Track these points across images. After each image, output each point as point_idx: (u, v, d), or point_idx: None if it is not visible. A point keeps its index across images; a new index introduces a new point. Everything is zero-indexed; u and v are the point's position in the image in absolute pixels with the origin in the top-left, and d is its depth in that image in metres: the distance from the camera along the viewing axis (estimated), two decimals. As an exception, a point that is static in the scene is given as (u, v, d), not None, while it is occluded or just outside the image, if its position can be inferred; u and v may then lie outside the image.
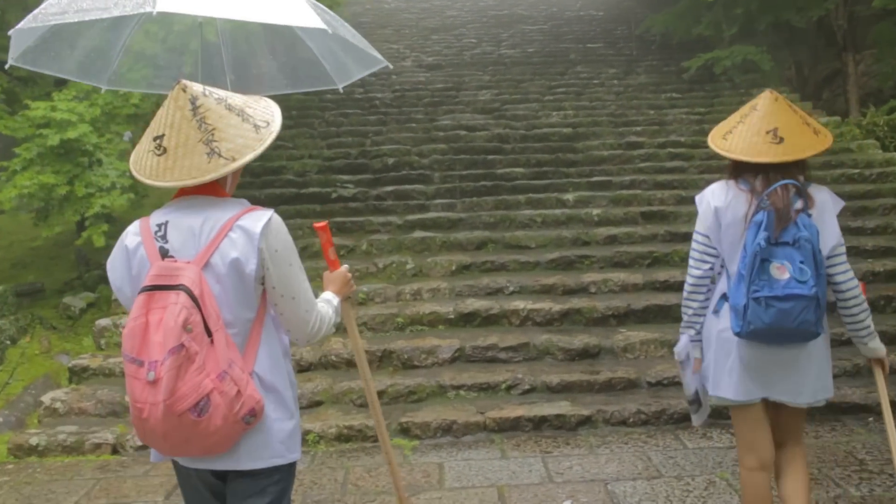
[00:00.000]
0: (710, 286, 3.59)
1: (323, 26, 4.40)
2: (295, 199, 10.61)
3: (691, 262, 3.58)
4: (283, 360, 2.72)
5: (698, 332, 3.64)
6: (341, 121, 13.68)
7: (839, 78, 15.52)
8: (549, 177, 11.02)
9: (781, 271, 3.20)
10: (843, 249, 3.45)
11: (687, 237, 7.07)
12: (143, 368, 2.39)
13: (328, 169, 11.57)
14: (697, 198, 3.58)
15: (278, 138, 9.31)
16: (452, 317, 7.54)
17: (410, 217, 9.81)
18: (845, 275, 3.45)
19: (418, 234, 9.36)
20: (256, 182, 11.23)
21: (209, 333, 2.44)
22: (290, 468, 2.76)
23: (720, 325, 3.50)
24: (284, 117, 2.94)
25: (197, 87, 2.59)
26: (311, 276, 3.14)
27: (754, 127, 3.38)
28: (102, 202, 7.97)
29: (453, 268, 8.57)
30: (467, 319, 7.57)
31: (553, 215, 9.71)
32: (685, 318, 3.66)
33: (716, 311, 3.54)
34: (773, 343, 3.37)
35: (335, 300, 2.94)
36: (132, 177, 2.82)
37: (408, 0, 25.77)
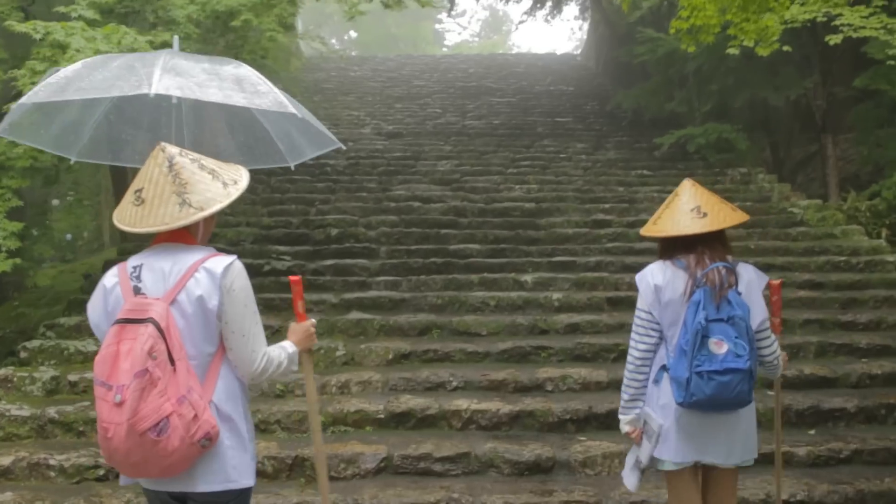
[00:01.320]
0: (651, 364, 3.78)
1: (292, 110, 4.68)
2: (222, 270, 9.49)
3: (636, 338, 3.78)
4: (241, 394, 2.97)
5: (641, 408, 3.81)
6: (287, 187, 12.65)
7: (815, 161, 14.81)
8: (507, 255, 9.99)
9: (720, 346, 3.47)
10: (768, 324, 3.78)
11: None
12: (111, 392, 2.66)
13: (265, 238, 10.49)
14: (638, 277, 3.81)
15: None
16: (382, 416, 6.38)
17: (348, 295, 8.70)
18: (771, 347, 3.82)
19: (354, 315, 8.24)
20: (183, 250, 10.11)
21: (172, 362, 2.72)
22: (243, 494, 2.95)
23: (660, 395, 3.71)
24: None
25: (174, 149, 2.93)
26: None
27: (679, 209, 3.71)
28: (-21, 267, 6.84)
29: (390, 356, 7.44)
30: (400, 420, 6.42)
31: (508, 298, 8.64)
32: (629, 394, 3.81)
33: (656, 381, 3.74)
34: (710, 411, 3.62)
35: (291, 348, 3.19)
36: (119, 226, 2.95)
37: (374, 69, 25.16)
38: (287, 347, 3.19)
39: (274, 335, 7.67)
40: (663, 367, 3.70)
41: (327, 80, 22.63)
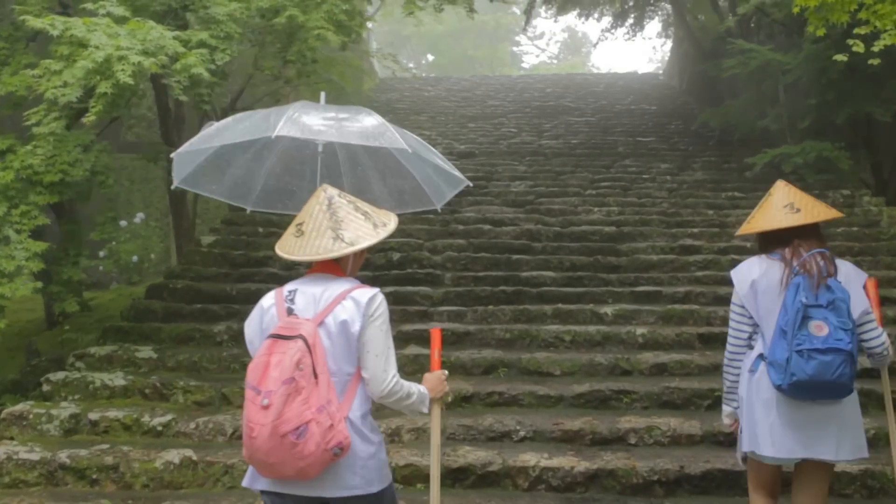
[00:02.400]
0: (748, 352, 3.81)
1: (420, 152, 5.16)
2: (272, 297, 8.76)
3: (730, 331, 3.86)
4: (368, 414, 3.21)
5: (737, 403, 3.87)
6: (350, 208, 11.93)
7: (919, 184, 13.52)
8: (585, 284, 9.03)
9: (820, 329, 3.47)
10: (872, 315, 3.74)
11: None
12: (259, 396, 2.96)
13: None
14: (733, 272, 3.86)
15: (272, 224, 9.32)
16: (437, 472, 5.49)
17: (406, 327, 7.86)
18: (878, 337, 3.78)
19: (412, 350, 7.38)
20: (233, 274, 9.43)
21: (315, 376, 3.00)
22: (375, 500, 3.15)
23: (757, 385, 3.70)
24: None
25: (334, 190, 3.33)
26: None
27: (772, 206, 3.81)
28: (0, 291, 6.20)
29: (450, 399, 6.55)
30: (456, 477, 5.52)
31: (586, 333, 7.68)
32: (727, 386, 3.93)
33: (752, 371, 3.75)
34: (811, 398, 3.56)
35: (426, 394, 3.35)
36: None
37: (449, 89, 24.51)
38: (423, 391, 3.34)
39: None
40: (760, 356, 3.73)
41: (400, 100, 22.04)
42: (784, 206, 3.78)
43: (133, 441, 6.15)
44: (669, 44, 26.43)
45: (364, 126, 5.20)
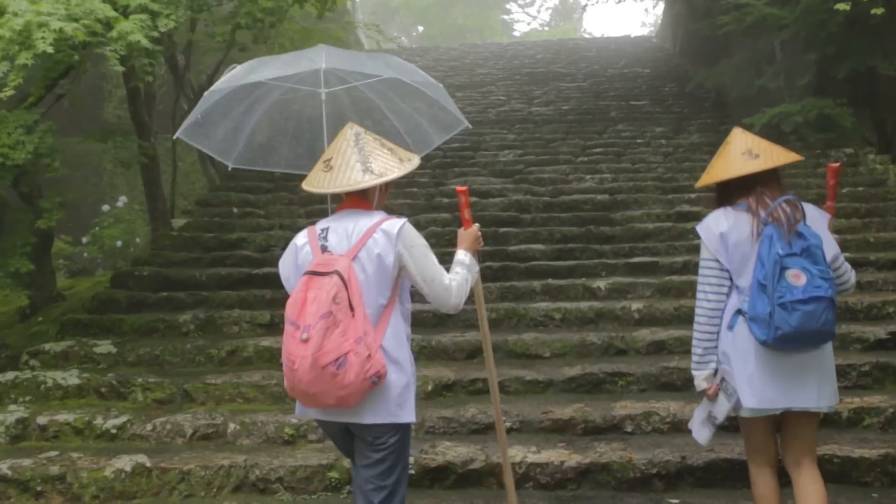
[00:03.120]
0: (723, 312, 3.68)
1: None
2: (243, 282, 8.22)
3: (705, 289, 3.68)
4: (406, 342, 3.37)
5: (715, 361, 3.70)
6: (330, 184, 11.37)
7: (926, 140, 12.95)
8: (577, 256, 8.50)
9: (798, 278, 3.39)
10: (841, 257, 3.70)
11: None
12: (298, 330, 3.10)
13: (298, 243, 9.18)
14: (699, 227, 3.73)
15: (248, 204, 8.84)
16: (413, 472, 4.96)
17: (385, 310, 7.33)
18: (845, 275, 3.75)
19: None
20: (205, 259, 8.88)
21: (352, 309, 3.13)
22: (404, 430, 3.33)
23: (736, 339, 3.60)
24: (268, 181, 7.34)
25: (360, 128, 3.48)
26: None
27: (730, 154, 3.70)
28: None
29: (429, 387, 6.04)
30: (435, 477, 5.01)
31: (578, 310, 7.15)
32: (700, 350, 3.71)
33: (730, 327, 3.63)
34: (796, 349, 3.51)
35: (467, 257, 3.52)
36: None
37: (437, 59, 23.87)
38: (463, 259, 3.50)
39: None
40: (738, 312, 3.62)
41: (385, 72, 21.37)
42: (742, 152, 3.67)
43: (85, 446, 5.62)
44: (662, 6, 25.72)
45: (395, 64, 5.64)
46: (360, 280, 3.19)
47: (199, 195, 12.45)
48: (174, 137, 5.92)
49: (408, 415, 3.28)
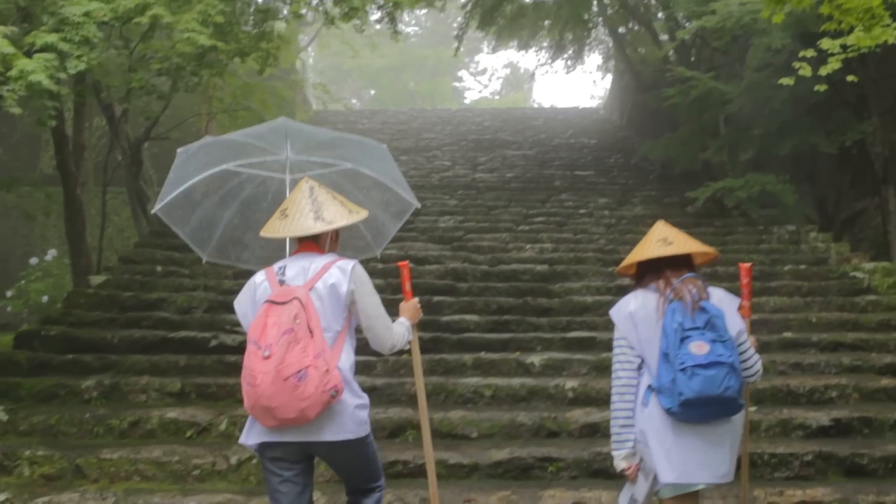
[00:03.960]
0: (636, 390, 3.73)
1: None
2: (157, 346, 7.70)
3: (616, 367, 3.76)
4: (353, 367, 3.60)
5: (632, 442, 3.69)
6: (261, 245, 10.93)
7: (862, 219, 12.94)
8: (512, 329, 8.14)
9: (700, 348, 3.48)
10: (745, 335, 3.75)
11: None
12: (260, 349, 3.35)
13: (221, 306, 8.70)
14: (612, 311, 3.85)
15: (173, 262, 7.61)
16: (318, 567, 4.50)
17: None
18: (748, 353, 3.75)
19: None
20: (119, 320, 8.34)
21: (310, 331, 3.38)
22: (365, 440, 3.59)
23: (650, 418, 3.62)
24: None
25: (314, 182, 3.81)
26: None
27: (647, 241, 3.90)
28: None
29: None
30: (341, 574, 4.55)
31: (509, 387, 6.77)
32: (617, 429, 3.72)
33: (645, 403, 3.67)
34: (703, 418, 3.54)
35: (407, 322, 3.91)
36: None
37: (384, 122, 23.70)
38: (405, 323, 3.89)
39: (200, 434, 5.94)
40: (649, 388, 3.68)
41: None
42: (657, 240, 3.87)
43: (-45, 530, 5.06)
44: (610, 78, 25.95)
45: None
46: (316, 307, 3.47)
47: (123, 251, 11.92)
48: (152, 212, 5.78)
49: (362, 431, 3.54)
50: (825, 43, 8.42)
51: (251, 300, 3.66)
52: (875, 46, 7.59)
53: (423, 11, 48.49)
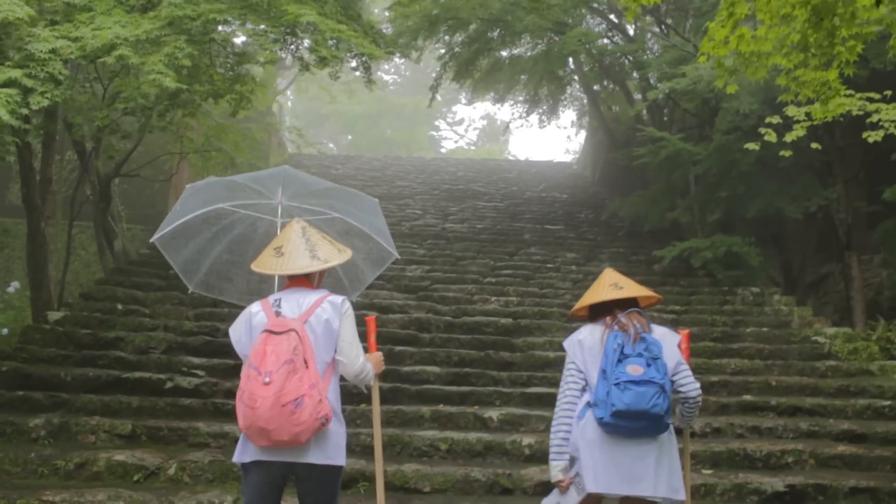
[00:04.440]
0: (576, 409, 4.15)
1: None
2: (110, 386, 7.56)
3: (563, 386, 4.23)
4: (339, 398, 3.97)
5: (568, 455, 4.11)
6: (225, 287, 10.83)
7: (827, 283, 13.09)
8: (472, 382, 8.09)
9: (636, 370, 3.94)
10: (686, 366, 4.21)
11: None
12: (261, 376, 3.67)
13: (179, 347, 8.59)
14: (565, 341, 4.34)
15: (134, 301, 7.67)
16: None
17: (259, 428, 6.77)
18: (691, 383, 4.19)
19: (260, 456, 6.28)
20: (74, 357, 8.19)
21: (305, 362, 3.73)
22: (337, 471, 3.93)
23: (583, 429, 4.05)
24: (161, 278, 9.12)
25: (304, 222, 4.18)
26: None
27: (599, 285, 4.37)
28: None
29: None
30: None
31: (466, 441, 6.70)
32: (557, 441, 4.16)
33: (580, 417, 4.09)
34: (631, 431, 3.94)
35: (371, 371, 4.10)
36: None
37: (359, 167, 23.75)
38: (369, 371, 4.07)
39: (148, 478, 5.81)
40: (587, 404, 4.08)
41: (305, 177, 21.09)
42: (609, 285, 4.33)
43: None
44: (584, 134, 26.23)
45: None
46: (311, 340, 3.80)
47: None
48: (151, 241, 6.01)
49: (341, 459, 3.89)
50: (791, 110, 8.58)
51: (247, 327, 3.95)
52: (839, 116, 7.74)
53: (402, 60, 49.03)
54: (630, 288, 4.28)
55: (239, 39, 13.68)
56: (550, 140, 67.20)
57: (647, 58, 14.58)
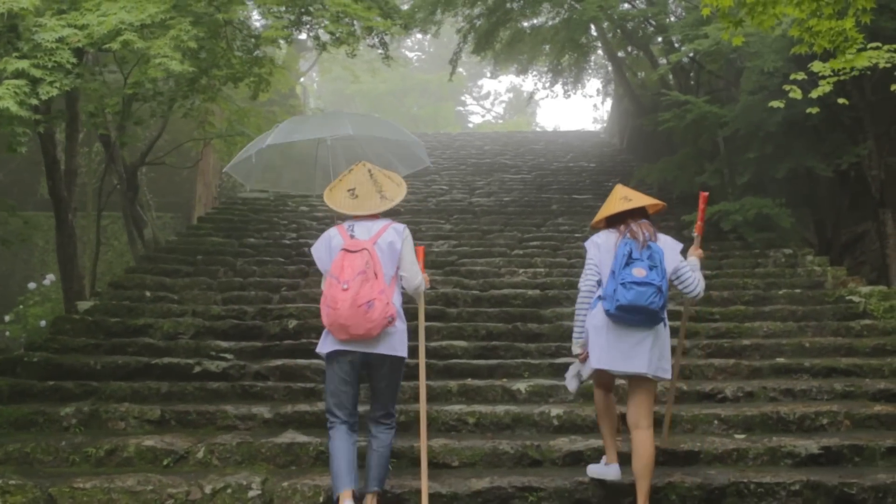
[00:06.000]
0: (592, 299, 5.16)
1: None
2: (140, 373, 7.60)
3: (583, 279, 5.21)
4: (401, 302, 5.07)
5: (585, 335, 5.17)
6: (252, 270, 10.87)
7: (863, 242, 12.80)
8: (500, 355, 8.04)
9: (640, 272, 4.82)
10: (685, 268, 5.13)
11: (690, 456, 5.93)
12: (339, 283, 4.73)
13: (208, 332, 8.62)
14: (586, 243, 5.25)
15: (163, 287, 10.07)
16: None
17: (287, 409, 6.77)
18: (690, 283, 5.13)
19: (288, 436, 6.26)
20: (104, 346, 8.25)
21: (375, 274, 4.77)
22: (400, 361, 5.06)
23: (594, 317, 5.07)
24: (189, 264, 11.11)
25: (369, 165, 5.18)
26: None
27: (613, 199, 5.28)
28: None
29: (321, 499, 5.45)
30: None
31: (494, 415, 6.65)
32: (580, 322, 5.21)
33: (592, 307, 5.11)
34: (631, 322, 4.90)
35: (424, 284, 5.19)
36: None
37: (384, 146, 23.62)
38: (423, 281, 5.18)
39: (178, 462, 5.84)
40: (598, 298, 5.07)
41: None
42: (621, 198, 5.22)
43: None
44: (610, 102, 25.95)
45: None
46: (378, 256, 4.82)
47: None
48: (223, 171, 7.06)
49: (404, 352, 5.00)
50: (816, 66, 8.37)
51: (327, 248, 5.01)
52: (867, 69, 7.53)
53: (425, 37, 48.77)
54: (638, 199, 5.18)
55: (258, 22, 13.65)
56: (578, 110, 66.63)
57: (670, 21, 14.35)
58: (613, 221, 5.17)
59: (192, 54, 7.07)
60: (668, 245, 5.07)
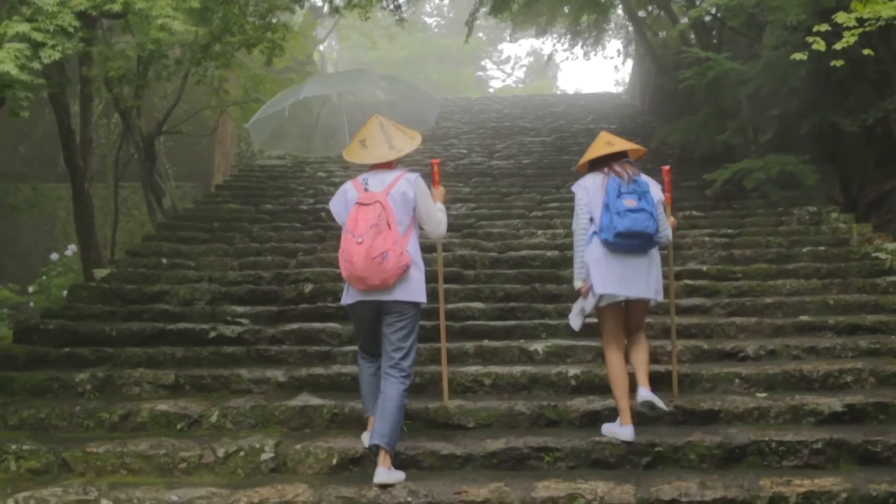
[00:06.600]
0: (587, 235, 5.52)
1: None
2: (155, 339, 7.57)
3: (576, 219, 5.56)
4: (418, 250, 5.21)
5: (586, 269, 5.47)
6: (269, 236, 10.81)
7: (890, 200, 12.51)
8: (518, 316, 7.94)
9: (630, 202, 5.26)
10: (661, 208, 5.54)
11: (709, 415, 5.89)
12: (354, 237, 4.92)
13: (224, 297, 8.57)
14: (574, 186, 5.65)
15: (179, 254, 10.02)
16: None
17: (301, 372, 6.72)
18: (663, 222, 5.55)
19: (302, 399, 6.20)
20: (120, 313, 8.23)
21: (389, 225, 4.93)
22: (418, 308, 5.19)
23: (591, 250, 5.42)
24: (206, 231, 10.98)
25: (383, 118, 5.37)
26: None
27: (596, 145, 5.70)
28: None
29: (334, 461, 5.40)
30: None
31: (510, 375, 6.56)
32: (579, 258, 5.51)
33: (589, 243, 5.45)
34: (629, 247, 5.31)
35: (441, 206, 5.41)
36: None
37: (402, 112, 23.44)
38: (441, 207, 5.40)
39: (191, 427, 5.80)
40: (593, 233, 5.44)
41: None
42: (604, 143, 5.63)
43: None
44: (631, 63, 25.56)
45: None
46: (392, 207, 4.96)
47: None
48: (245, 126, 7.12)
49: (421, 297, 5.14)
50: (840, 17, 8.13)
51: (343, 201, 5.19)
52: (893, 19, 7.30)
53: (446, 1, 48.31)
54: (619, 143, 5.58)
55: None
56: (599, 72, 65.92)
57: (690, -24, 14.03)
58: (598, 164, 5.56)
59: (199, 16, 6.95)
60: (650, 181, 5.49)
